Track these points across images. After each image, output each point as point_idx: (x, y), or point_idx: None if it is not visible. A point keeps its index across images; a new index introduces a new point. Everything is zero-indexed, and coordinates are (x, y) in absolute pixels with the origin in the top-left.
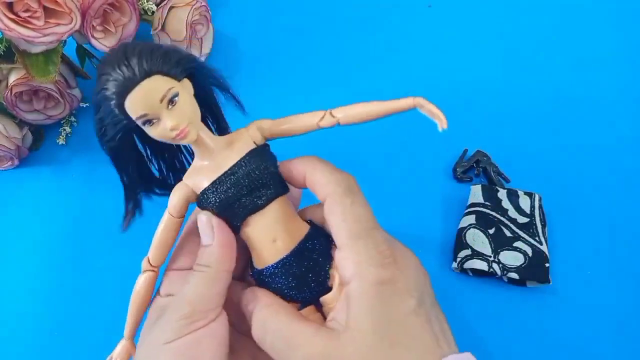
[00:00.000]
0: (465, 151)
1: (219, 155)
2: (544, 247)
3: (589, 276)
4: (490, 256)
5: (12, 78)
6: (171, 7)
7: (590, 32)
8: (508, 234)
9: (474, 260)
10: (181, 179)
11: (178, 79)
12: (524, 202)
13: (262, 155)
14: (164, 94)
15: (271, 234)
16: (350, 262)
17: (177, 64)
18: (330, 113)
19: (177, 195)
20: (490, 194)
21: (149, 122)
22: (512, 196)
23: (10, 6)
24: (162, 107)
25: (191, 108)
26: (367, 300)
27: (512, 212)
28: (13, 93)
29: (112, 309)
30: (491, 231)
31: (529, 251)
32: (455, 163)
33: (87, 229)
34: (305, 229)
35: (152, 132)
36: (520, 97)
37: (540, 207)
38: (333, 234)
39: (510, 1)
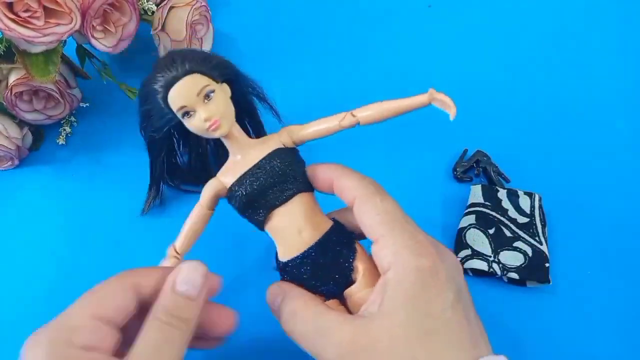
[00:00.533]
0: (465, 151)
1: (250, 152)
2: (544, 247)
3: (589, 276)
4: (490, 256)
5: (12, 78)
6: (171, 7)
7: (591, 32)
8: (508, 234)
9: (474, 260)
10: (214, 176)
11: (216, 80)
12: (524, 202)
13: (287, 154)
14: (200, 89)
15: (296, 226)
16: (388, 252)
17: (215, 67)
18: (351, 114)
19: (209, 189)
20: (490, 194)
21: (187, 114)
22: (512, 196)
23: (10, 6)
24: (198, 100)
25: (225, 105)
26: (404, 287)
27: (512, 212)
28: (13, 93)
29: None
30: (491, 231)
31: (529, 251)
32: (455, 163)
33: (87, 229)
34: (329, 223)
35: (189, 124)
36: (520, 97)
37: (540, 207)
38: (367, 231)
39: (510, 1)
